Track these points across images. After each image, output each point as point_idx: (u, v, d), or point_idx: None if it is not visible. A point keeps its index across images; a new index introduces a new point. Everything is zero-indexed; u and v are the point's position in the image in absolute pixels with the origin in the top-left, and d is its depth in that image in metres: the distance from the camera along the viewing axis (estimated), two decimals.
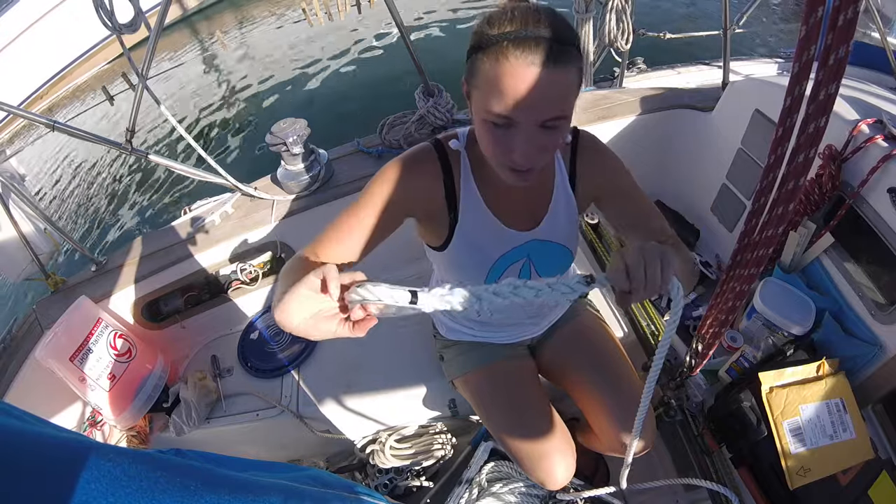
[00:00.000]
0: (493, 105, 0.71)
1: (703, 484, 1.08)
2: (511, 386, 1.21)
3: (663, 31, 2.66)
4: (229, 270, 1.77)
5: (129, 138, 1.50)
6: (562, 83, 0.69)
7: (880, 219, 1.14)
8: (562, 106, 0.72)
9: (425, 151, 0.94)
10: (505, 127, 0.73)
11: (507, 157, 0.76)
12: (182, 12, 8.37)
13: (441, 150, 0.94)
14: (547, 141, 0.75)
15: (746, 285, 0.94)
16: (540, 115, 0.71)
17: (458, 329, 1.30)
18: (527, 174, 0.80)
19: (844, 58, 0.64)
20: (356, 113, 5.01)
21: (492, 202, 0.98)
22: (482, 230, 0.99)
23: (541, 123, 0.72)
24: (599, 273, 0.59)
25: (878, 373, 1.15)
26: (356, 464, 1.70)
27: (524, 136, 0.73)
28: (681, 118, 1.79)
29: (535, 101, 0.69)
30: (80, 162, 5.75)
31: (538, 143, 0.74)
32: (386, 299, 0.62)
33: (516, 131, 0.73)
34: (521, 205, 1.01)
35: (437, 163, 0.93)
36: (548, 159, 0.79)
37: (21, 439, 0.36)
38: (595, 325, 1.31)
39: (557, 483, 1.13)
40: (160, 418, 1.60)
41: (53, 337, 1.36)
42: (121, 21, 1.34)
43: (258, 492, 0.45)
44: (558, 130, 0.74)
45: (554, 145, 0.77)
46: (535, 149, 0.74)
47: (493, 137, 0.76)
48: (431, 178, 0.94)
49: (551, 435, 1.14)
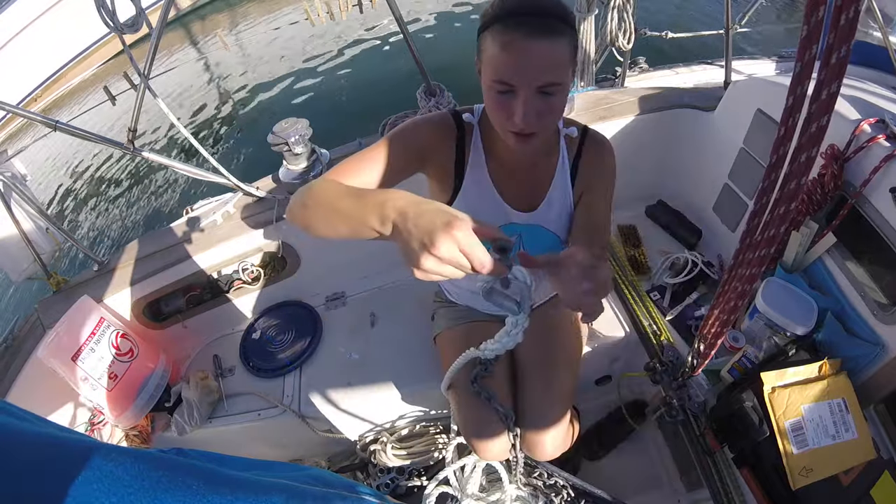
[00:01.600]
0: (495, 73, 0.82)
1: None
2: (476, 343, 1.26)
3: (665, 30, 2.66)
4: (231, 270, 1.77)
5: (131, 138, 1.50)
6: (553, 52, 0.79)
7: (882, 219, 1.13)
8: (555, 73, 0.81)
9: (444, 117, 1.04)
10: (507, 93, 0.83)
11: (510, 121, 0.85)
12: (183, 10, 8.39)
13: (458, 120, 1.04)
14: (543, 106, 0.83)
15: (748, 285, 0.94)
16: (535, 80, 0.80)
17: (456, 293, 1.41)
18: (529, 139, 0.88)
19: (846, 57, 0.63)
20: (358, 112, 5.01)
21: (495, 176, 1.07)
22: (481, 199, 1.08)
23: (537, 88, 0.81)
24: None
25: (881, 373, 1.14)
26: (358, 463, 1.71)
27: (523, 99, 0.82)
28: (683, 118, 1.79)
29: (530, 68, 0.79)
30: (82, 161, 5.75)
31: (536, 108, 0.83)
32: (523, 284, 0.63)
33: (516, 96, 0.82)
34: (522, 186, 1.08)
35: (454, 129, 1.04)
36: (547, 127, 0.88)
37: (22, 439, 0.36)
38: (562, 325, 1.33)
39: (489, 455, 1.19)
40: (162, 418, 1.60)
41: (55, 336, 1.36)
42: (122, 20, 1.34)
43: (260, 491, 0.45)
44: (555, 98, 0.83)
45: (550, 112, 0.85)
46: (533, 112, 0.83)
47: (498, 103, 0.85)
48: (447, 139, 1.03)
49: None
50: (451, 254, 0.58)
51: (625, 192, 1.89)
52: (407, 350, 1.63)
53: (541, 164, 1.08)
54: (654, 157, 1.90)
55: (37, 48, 6.77)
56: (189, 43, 8.10)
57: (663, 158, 1.91)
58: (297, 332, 1.76)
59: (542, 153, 1.07)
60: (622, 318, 1.63)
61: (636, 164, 1.86)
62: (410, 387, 1.55)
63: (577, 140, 1.07)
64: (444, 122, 1.04)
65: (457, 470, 1.34)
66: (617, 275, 1.73)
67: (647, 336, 1.53)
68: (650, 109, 1.78)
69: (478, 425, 1.18)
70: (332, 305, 1.87)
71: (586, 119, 1.78)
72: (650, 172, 1.94)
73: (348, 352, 1.69)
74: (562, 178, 1.08)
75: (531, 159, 1.06)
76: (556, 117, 0.88)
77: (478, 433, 1.17)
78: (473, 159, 1.05)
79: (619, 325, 1.61)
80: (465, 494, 1.31)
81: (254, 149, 5.12)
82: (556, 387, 1.21)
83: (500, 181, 1.08)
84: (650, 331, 1.54)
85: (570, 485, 1.33)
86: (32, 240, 1.50)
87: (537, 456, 1.20)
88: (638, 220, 1.93)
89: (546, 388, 1.20)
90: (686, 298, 1.60)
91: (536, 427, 1.17)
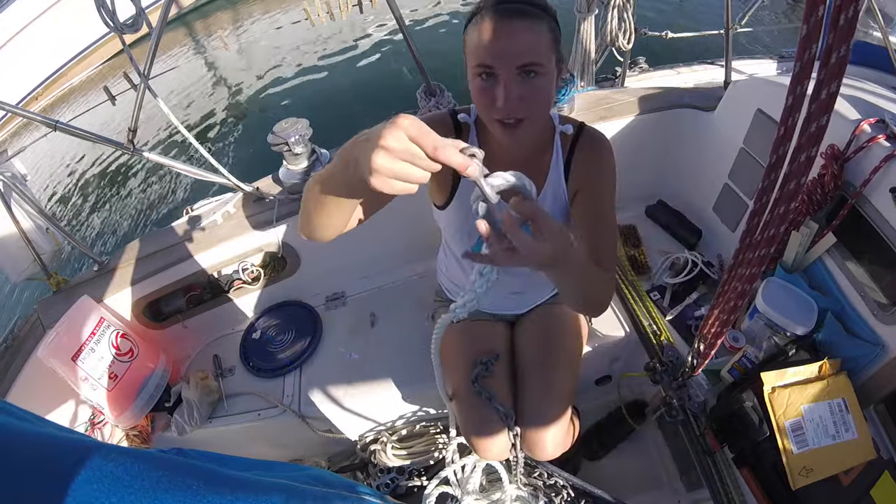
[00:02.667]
0: (476, 58, 0.83)
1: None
2: (477, 342, 1.30)
3: (665, 30, 2.66)
4: (231, 270, 1.77)
5: (131, 138, 1.50)
6: (531, 33, 0.81)
7: (882, 219, 1.13)
8: (534, 54, 0.81)
9: (443, 116, 1.07)
10: (489, 78, 0.84)
11: (494, 108, 0.85)
12: (184, 10, 8.38)
13: (455, 120, 1.07)
14: (525, 90, 0.83)
15: (748, 285, 0.94)
16: (514, 60, 0.81)
17: (457, 292, 1.40)
18: (514, 129, 0.88)
19: (845, 57, 0.63)
20: (358, 113, 5.01)
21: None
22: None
23: (517, 70, 0.82)
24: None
25: (880, 373, 1.14)
26: (358, 463, 1.71)
27: (504, 82, 0.83)
28: (683, 118, 1.79)
29: (509, 48, 0.81)
30: (82, 161, 5.75)
31: (518, 92, 0.83)
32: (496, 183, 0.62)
33: (497, 81, 0.83)
34: None
35: (452, 128, 1.06)
36: (533, 112, 0.87)
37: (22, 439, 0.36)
38: (562, 322, 1.33)
39: (488, 454, 1.19)
40: (162, 418, 1.60)
41: (55, 336, 1.36)
42: (122, 20, 1.34)
43: (260, 491, 0.45)
44: (537, 80, 0.83)
45: (534, 95, 0.85)
46: (515, 95, 0.83)
47: (481, 90, 0.86)
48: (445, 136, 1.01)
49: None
50: (400, 143, 0.56)
51: (625, 192, 1.88)
52: (407, 350, 1.63)
53: (534, 161, 1.07)
54: (654, 157, 1.90)
55: (37, 47, 6.77)
56: (189, 43, 8.10)
57: (663, 158, 1.91)
58: (297, 332, 1.76)
59: (536, 149, 1.06)
60: (622, 318, 1.63)
61: (636, 164, 1.86)
62: (410, 387, 1.55)
63: (571, 137, 1.06)
64: (442, 122, 1.06)
65: (457, 470, 1.34)
66: (617, 275, 1.73)
67: (647, 336, 1.53)
68: (650, 109, 1.78)
69: (478, 424, 1.18)
70: (332, 305, 1.87)
71: (587, 119, 1.77)
72: (650, 172, 1.94)
73: (348, 352, 1.69)
74: (556, 174, 1.07)
75: (524, 155, 1.04)
76: (541, 103, 0.87)
77: (478, 432, 1.17)
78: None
79: (619, 325, 1.61)
80: (465, 494, 1.31)
81: (254, 149, 5.12)
82: (556, 387, 1.21)
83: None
84: (650, 331, 1.54)
85: (571, 485, 1.33)
86: (32, 240, 1.50)
87: (537, 456, 1.20)
88: (638, 220, 1.93)
89: (546, 387, 1.20)
90: (686, 298, 1.60)
91: (536, 427, 1.17)
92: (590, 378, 1.75)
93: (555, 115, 1.09)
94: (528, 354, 1.29)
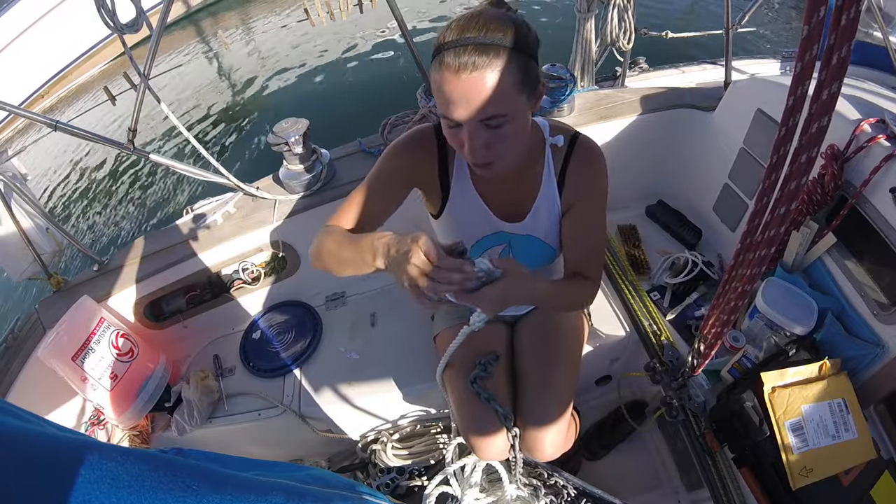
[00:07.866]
0: (438, 104, 0.82)
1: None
2: (476, 343, 1.29)
3: (665, 30, 2.66)
4: (231, 270, 1.77)
5: (132, 138, 1.50)
6: (485, 83, 0.76)
7: (883, 219, 1.13)
8: (495, 105, 0.77)
9: (425, 132, 1.05)
10: (455, 126, 0.83)
11: (462, 152, 0.86)
12: (184, 10, 8.39)
13: (440, 133, 1.02)
14: (492, 138, 0.82)
15: (749, 285, 0.94)
16: (475, 114, 0.78)
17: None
18: (487, 167, 0.88)
19: (846, 57, 0.63)
20: (358, 113, 5.01)
21: (481, 187, 1.08)
22: (469, 210, 1.10)
23: (479, 122, 0.80)
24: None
25: (881, 373, 1.14)
26: (358, 463, 1.71)
27: (468, 133, 0.81)
28: (683, 118, 1.79)
29: (466, 103, 0.77)
30: (82, 161, 5.75)
31: (483, 140, 0.82)
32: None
33: (462, 130, 0.82)
34: (508, 196, 1.08)
35: (435, 143, 1.04)
36: (503, 155, 0.86)
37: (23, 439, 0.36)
38: (562, 323, 1.33)
39: (487, 454, 1.19)
40: (162, 418, 1.60)
41: (55, 336, 1.36)
42: (122, 21, 1.34)
43: (260, 491, 0.45)
44: (503, 128, 0.81)
45: (501, 141, 0.83)
46: (480, 145, 0.82)
47: (450, 135, 0.86)
48: (428, 155, 1.05)
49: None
50: (419, 260, 0.72)
51: (625, 191, 1.90)
52: (407, 350, 1.63)
53: (525, 175, 1.05)
54: (654, 157, 1.90)
55: (40, 48, 6.77)
56: (189, 43, 8.10)
57: (663, 158, 1.91)
58: (297, 332, 1.76)
59: (525, 165, 1.04)
60: (622, 318, 1.63)
61: (636, 164, 1.86)
62: (410, 387, 1.55)
63: (563, 149, 1.03)
64: (423, 139, 1.04)
65: (457, 470, 1.34)
66: (617, 275, 1.73)
67: (647, 336, 1.53)
68: (650, 109, 1.78)
69: (477, 424, 1.18)
70: (332, 305, 1.87)
71: (587, 119, 1.78)
72: (650, 172, 1.94)
73: (348, 352, 1.69)
74: (548, 187, 1.05)
75: (511, 172, 1.02)
76: (511, 145, 0.85)
77: (477, 432, 1.17)
78: (457, 169, 1.06)
79: (619, 325, 1.61)
80: (465, 494, 1.31)
81: (254, 149, 5.12)
82: (556, 387, 1.21)
83: (485, 191, 1.08)
84: (650, 331, 1.54)
85: (571, 485, 1.33)
86: (32, 240, 1.50)
87: (537, 456, 1.20)
88: (638, 220, 1.93)
89: (546, 388, 1.20)
90: (686, 298, 1.60)
91: (536, 428, 1.17)
92: (590, 378, 1.75)
93: (543, 125, 1.05)
94: (528, 355, 1.29)
